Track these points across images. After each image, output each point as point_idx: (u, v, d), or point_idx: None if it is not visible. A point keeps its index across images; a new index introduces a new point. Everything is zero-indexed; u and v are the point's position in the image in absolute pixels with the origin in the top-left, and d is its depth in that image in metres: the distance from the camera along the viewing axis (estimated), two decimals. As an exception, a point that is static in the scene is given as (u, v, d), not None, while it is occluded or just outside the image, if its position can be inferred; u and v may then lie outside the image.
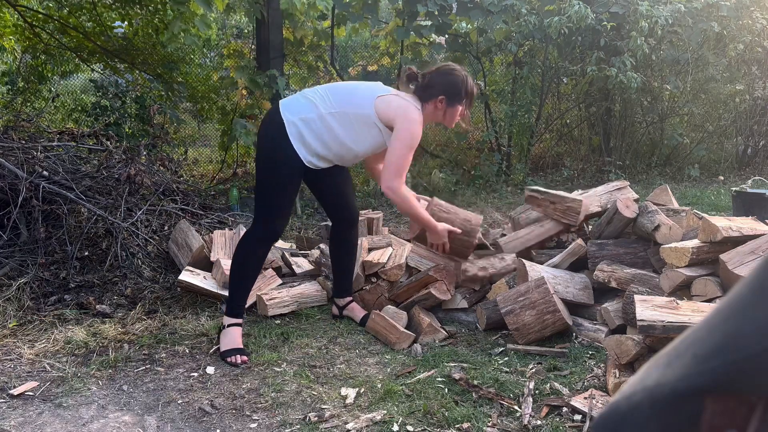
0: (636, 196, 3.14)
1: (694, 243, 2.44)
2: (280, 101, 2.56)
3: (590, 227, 3.16)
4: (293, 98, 2.56)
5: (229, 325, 2.56)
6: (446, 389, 2.21)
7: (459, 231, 2.79)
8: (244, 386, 2.28)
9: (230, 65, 6.41)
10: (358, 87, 2.57)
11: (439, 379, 2.29)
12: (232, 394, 2.23)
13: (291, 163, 2.46)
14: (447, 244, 2.77)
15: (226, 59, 6.77)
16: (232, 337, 2.54)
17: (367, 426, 1.98)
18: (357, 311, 2.93)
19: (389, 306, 2.87)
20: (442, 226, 2.73)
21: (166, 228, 3.76)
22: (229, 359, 2.47)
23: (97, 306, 2.99)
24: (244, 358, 2.48)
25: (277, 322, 2.90)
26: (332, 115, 2.45)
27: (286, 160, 2.46)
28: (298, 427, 2.00)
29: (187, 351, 2.60)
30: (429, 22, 5.82)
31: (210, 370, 2.43)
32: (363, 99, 2.49)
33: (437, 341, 2.66)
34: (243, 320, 2.62)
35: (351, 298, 2.98)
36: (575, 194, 3.30)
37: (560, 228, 3.14)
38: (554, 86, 6.91)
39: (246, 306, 2.67)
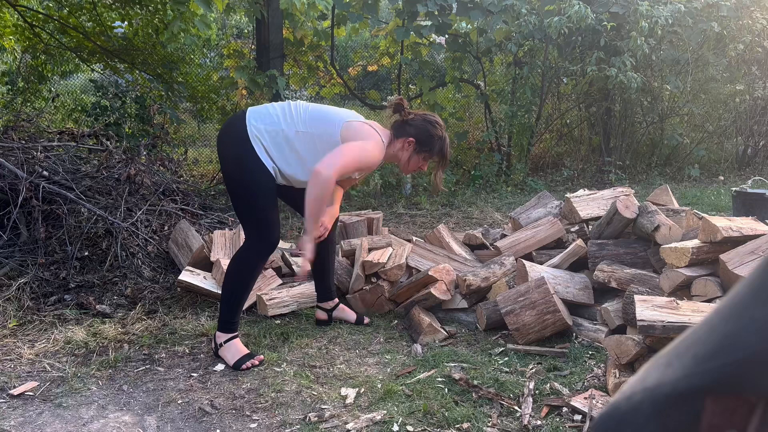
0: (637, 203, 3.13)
1: (694, 243, 2.44)
2: (249, 108, 2.48)
3: (590, 228, 3.16)
4: (263, 108, 2.48)
5: (226, 341, 2.49)
6: (446, 389, 2.21)
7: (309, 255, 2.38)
8: (244, 386, 2.28)
9: (230, 65, 6.42)
10: (330, 111, 2.51)
11: (439, 379, 2.29)
12: (232, 394, 2.23)
13: (262, 171, 2.38)
14: (309, 257, 2.37)
15: (226, 59, 6.78)
16: (236, 348, 2.48)
17: (367, 426, 1.98)
18: (348, 312, 2.89)
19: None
20: (310, 240, 2.35)
21: (166, 228, 3.76)
22: (244, 367, 2.43)
23: (97, 306, 2.99)
24: (260, 357, 2.48)
25: (277, 322, 2.90)
26: (299, 134, 2.39)
27: (256, 168, 2.37)
28: (298, 427, 2.00)
29: (187, 351, 2.60)
30: (429, 22, 5.83)
31: (210, 369, 2.43)
32: (332, 123, 2.43)
33: (437, 341, 2.66)
34: (239, 332, 2.57)
35: (338, 300, 2.90)
36: (580, 193, 3.30)
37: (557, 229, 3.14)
38: (554, 86, 6.91)
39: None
